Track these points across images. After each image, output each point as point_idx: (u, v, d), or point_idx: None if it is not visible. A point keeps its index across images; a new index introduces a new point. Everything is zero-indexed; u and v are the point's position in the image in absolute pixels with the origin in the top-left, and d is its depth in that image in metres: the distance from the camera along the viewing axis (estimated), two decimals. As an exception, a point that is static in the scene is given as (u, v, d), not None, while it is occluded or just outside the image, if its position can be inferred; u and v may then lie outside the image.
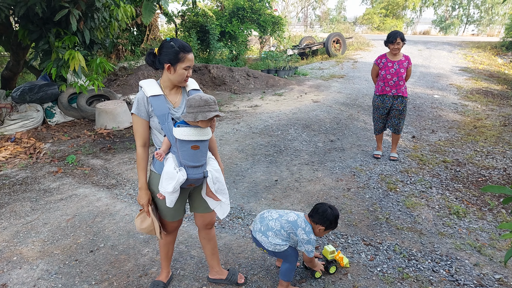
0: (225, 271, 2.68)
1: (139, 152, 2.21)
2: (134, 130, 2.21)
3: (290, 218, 2.50)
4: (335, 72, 12.03)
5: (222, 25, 13.35)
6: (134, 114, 2.16)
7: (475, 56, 14.80)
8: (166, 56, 2.09)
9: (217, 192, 2.26)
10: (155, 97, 2.13)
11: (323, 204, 2.53)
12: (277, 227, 2.46)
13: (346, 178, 4.46)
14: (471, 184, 4.31)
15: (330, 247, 2.77)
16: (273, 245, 2.43)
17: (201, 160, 2.17)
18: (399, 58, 4.71)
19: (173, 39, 2.13)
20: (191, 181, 2.17)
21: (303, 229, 2.45)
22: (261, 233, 2.49)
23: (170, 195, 2.12)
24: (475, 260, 2.93)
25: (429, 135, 6.09)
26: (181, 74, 2.13)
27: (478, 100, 8.45)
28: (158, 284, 2.58)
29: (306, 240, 2.43)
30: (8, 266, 2.85)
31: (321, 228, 2.47)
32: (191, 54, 2.14)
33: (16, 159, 5.05)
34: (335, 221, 2.48)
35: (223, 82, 10.04)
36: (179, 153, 2.11)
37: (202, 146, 2.14)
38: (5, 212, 3.69)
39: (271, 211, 2.61)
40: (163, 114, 2.12)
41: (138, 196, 2.26)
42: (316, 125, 6.51)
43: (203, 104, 2.04)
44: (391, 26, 29.46)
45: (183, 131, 2.06)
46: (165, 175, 2.09)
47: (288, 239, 2.46)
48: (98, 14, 6.03)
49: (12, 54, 7.10)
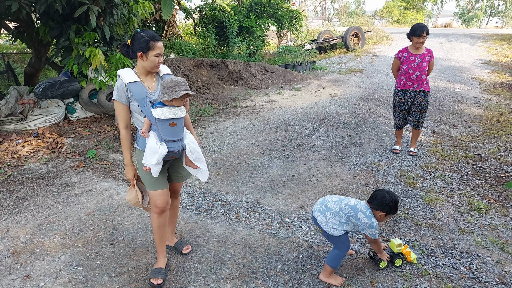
0: (175, 240, 3.01)
1: (123, 133, 2.50)
2: (116, 114, 2.48)
3: (350, 202, 2.58)
4: (353, 66, 11.86)
5: (239, 20, 13.32)
6: (115, 100, 2.43)
7: (498, 49, 14.33)
8: (138, 46, 2.36)
9: (195, 160, 2.54)
10: (133, 83, 2.40)
11: (381, 190, 2.56)
12: (335, 209, 2.56)
13: (364, 174, 4.41)
14: (494, 179, 4.19)
15: (397, 240, 2.78)
16: (330, 226, 2.54)
17: (179, 135, 2.46)
18: (421, 52, 4.59)
19: (143, 30, 2.40)
20: (172, 153, 2.45)
21: (363, 213, 2.51)
22: (319, 213, 2.61)
23: (154, 167, 2.38)
24: (497, 258, 2.85)
25: (450, 130, 5.95)
26: (152, 60, 2.39)
27: (501, 94, 8.19)
28: (160, 271, 2.65)
29: (369, 224, 2.49)
30: (31, 258, 2.94)
31: (381, 214, 2.52)
32: (160, 42, 2.41)
33: (38, 153, 5.19)
34: (394, 206, 2.51)
35: (240, 77, 10.04)
36: (159, 130, 2.39)
37: (178, 123, 2.43)
38: (28, 205, 3.80)
39: (332, 195, 2.72)
40: (142, 98, 2.39)
41: (126, 172, 2.58)
42: (334, 120, 6.44)
43: (174, 85, 2.31)
44: (411, 19, 28.82)
45: (161, 111, 2.34)
46: (148, 150, 2.36)
47: (346, 221, 2.54)
48: (117, 10, 6.10)
49: (34, 51, 7.27)
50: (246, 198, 3.87)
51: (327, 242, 3.09)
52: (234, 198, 3.87)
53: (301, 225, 3.36)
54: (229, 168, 4.61)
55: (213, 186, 4.14)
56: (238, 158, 4.92)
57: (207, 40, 12.50)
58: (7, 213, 3.65)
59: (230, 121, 6.57)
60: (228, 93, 8.98)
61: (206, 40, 12.56)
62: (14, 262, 2.89)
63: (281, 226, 3.35)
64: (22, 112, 6.41)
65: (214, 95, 8.68)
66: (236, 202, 3.78)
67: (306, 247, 3.04)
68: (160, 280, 2.60)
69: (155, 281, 2.60)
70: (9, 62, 9.71)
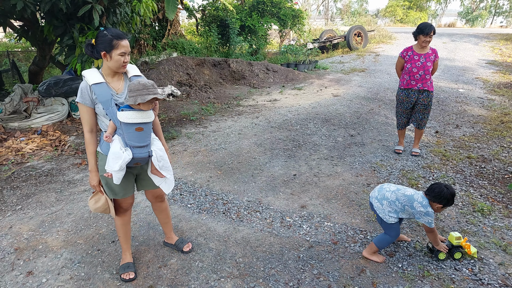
0: (175, 238, 3.00)
1: (87, 137, 2.37)
2: (81, 117, 2.37)
3: (407, 192, 2.70)
4: (356, 66, 11.84)
5: (242, 19, 13.32)
6: (79, 102, 2.30)
7: (503, 49, 14.26)
8: (102, 45, 2.24)
9: (161, 169, 2.45)
10: (97, 85, 2.28)
11: (439, 184, 2.63)
12: (392, 198, 2.71)
13: (366, 174, 4.40)
14: (497, 181, 4.17)
15: (456, 233, 2.82)
16: (385, 213, 2.71)
17: (146, 141, 2.35)
18: (426, 51, 4.57)
19: (107, 28, 2.29)
20: (137, 160, 2.34)
21: (419, 203, 2.62)
22: (377, 200, 2.78)
23: (116, 173, 2.28)
24: (500, 260, 2.84)
25: (453, 130, 5.93)
26: (117, 60, 2.27)
27: (505, 95, 8.15)
28: (129, 266, 2.69)
29: (425, 213, 2.60)
30: (34, 255, 2.96)
31: (438, 205, 2.61)
32: (125, 41, 2.28)
33: (42, 151, 5.21)
34: (451, 199, 2.59)
35: (242, 76, 10.04)
36: (125, 135, 2.28)
37: (146, 128, 2.32)
38: (32, 202, 3.82)
39: (390, 184, 2.85)
40: (106, 100, 2.27)
41: (90, 178, 2.44)
42: (336, 119, 6.43)
43: (142, 88, 2.20)
44: (414, 19, 28.73)
45: (127, 114, 2.23)
46: (111, 155, 2.25)
47: (402, 210, 2.69)
48: (120, 9, 6.12)
49: (39, 50, 7.30)
50: (247, 197, 3.87)
51: (328, 242, 3.09)
52: (235, 197, 3.88)
53: (302, 224, 3.36)
54: (231, 167, 4.61)
55: (214, 185, 4.14)
56: (239, 157, 4.92)
57: (210, 39, 12.51)
58: (10, 209, 3.67)
59: (232, 120, 6.57)
60: (230, 92, 8.98)
61: (209, 39, 12.57)
62: (17, 258, 2.90)
63: (282, 226, 3.35)
64: (26, 110, 6.44)
65: (216, 94, 8.69)
66: (237, 201, 3.78)
67: (307, 246, 3.04)
68: (132, 274, 2.65)
69: (126, 276, 2.63)
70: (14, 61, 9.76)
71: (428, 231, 2.73)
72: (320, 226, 3.33)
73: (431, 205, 2.61)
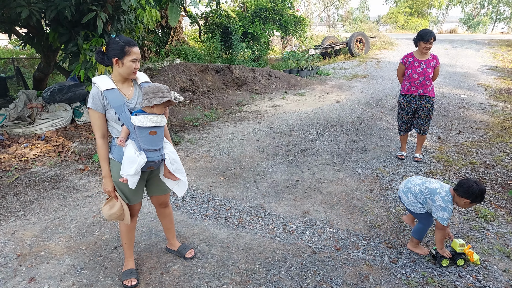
0: (178, 244, 3.00)
1: (99, 143, 2.37)
2: (92, 123, 2.37)
3: (431, 186, 2.76)
4: (358, 72, 11.86)
5: (244, 26, 13.40)
6: (90, 108, 2.31)
7: (504, 55, 14.27)
8: (113, 51, 2.28)
9: (175, 171, 2.49)
10: (109, 91, 2.30)
11: (469, 179, 2.65)
12: (416, 190, 2.82)
13: (368, 179, 4.40)
14: (500, 187, 4.16)
15: (459, 240, 2.82)
16: (412, 205, 2.85)
17: (159, 144, 2.40)
18: (426, 58, 4.59)
19: (118, 35, 2.33)
20: (151, 164, 2.38)
21: (441, 197, 2.66)
22: (403, 193, 2.94)
23: (132, 178, 2.30)
24: (504, 266, 2.83)
25: (455, 136, 5.92)
26: (129, 66, 2.31)
27: (507, 100, 8.14)
28: (131, 272, 2.69)
29: (442, 207, 2.62)
30: (37, 261, 2.96)
31: (466, 201, 2.61)
32: (137, 48, 2.32)
33: (45, 157, 5.24)
34: (480, 195, 2.59)
35: (245, 82, 10.08)
36: (139, 139, 2.31)
37: (159, 131, 2.37)
38: (35, 208, 3.83)
39: (418, 176, 2.97)
40: (120, 105, 2.30)
41: (104, 184, 2.43)
42: (338, 125, 6.44)
43: (157, 91, 2.27)
44: (415, 25, 28.80)
45: (141, 118, 2.28)
46: (126, 160, 2.27)
47: (424, 202, 2.77)
48: (125, 17, 6.17)
49: (43, 56, 7.36)
50: (250, 203, 3.87)
51: (331, 248, 3.09)
52: (237, 202, 3.88)
53: (304, 230, 3.36)
54: (233, 173, 4.62)
55: (217, 191, 4.15)
56: (242, 162, 4.93)
57: (212, 46, 12.58)
58: (13, 215, 3.68)
59: (235, 126, 6.59)
60: (233, 98, 9.01)
61: (211, 46, 12.64)
62: (20, 264, 2.91)
63: (284, 232, 3.35)
64: (30, 116, 6.48)
65: (219, 99, 8.72)
66: (240, 207, 3.78)
67: (309, 253, 3.03)
68: (134, 280, 2.64)
69: (128, 282, 2.63)
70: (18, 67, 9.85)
71: (439, 227, 2.71)
72: (323, 232, 3.33)
73: (458, 200, 2.63)
